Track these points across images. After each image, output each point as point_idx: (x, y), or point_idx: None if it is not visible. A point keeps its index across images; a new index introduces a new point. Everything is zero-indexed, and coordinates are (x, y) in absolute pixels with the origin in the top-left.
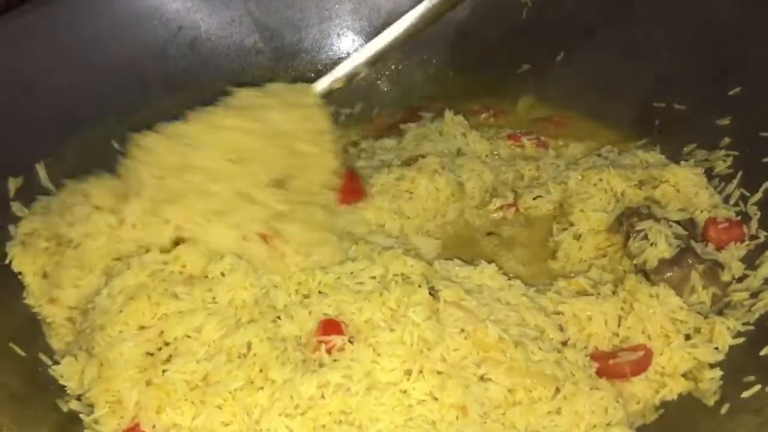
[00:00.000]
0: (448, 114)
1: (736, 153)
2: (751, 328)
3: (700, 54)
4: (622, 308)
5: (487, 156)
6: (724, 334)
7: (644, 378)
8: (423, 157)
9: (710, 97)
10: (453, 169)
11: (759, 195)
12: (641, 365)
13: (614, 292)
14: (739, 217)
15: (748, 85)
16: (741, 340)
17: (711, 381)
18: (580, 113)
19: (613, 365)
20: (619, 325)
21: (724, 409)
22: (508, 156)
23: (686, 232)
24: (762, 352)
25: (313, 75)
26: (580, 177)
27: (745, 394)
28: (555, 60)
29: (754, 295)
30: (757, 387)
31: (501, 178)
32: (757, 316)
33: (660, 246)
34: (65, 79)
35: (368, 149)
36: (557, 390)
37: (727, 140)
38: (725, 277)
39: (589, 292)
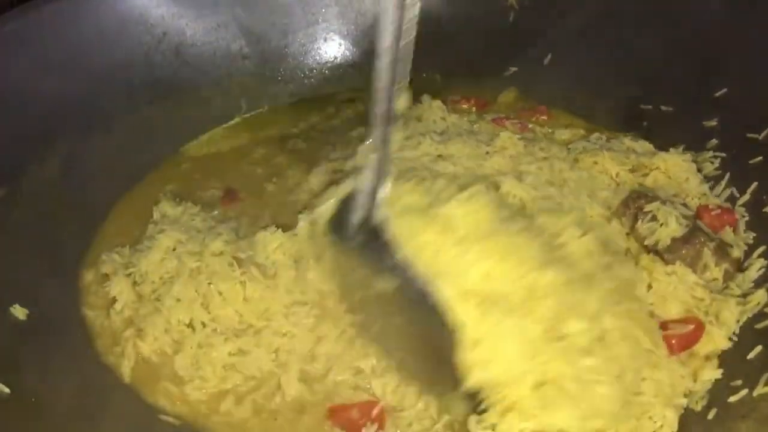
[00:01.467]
0: (426, 98)
1: (724, 154)
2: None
3: (686, 56)
4: None
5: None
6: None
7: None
8: None
9: (697, 99)
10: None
11: (747, 197)
12: (690, 340)
13: None
14: None
15: (735, 87)
16: (728, 344)
17: (702, 383)
18: (567, 113)
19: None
20: None
21: (711, 414)
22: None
23: (692, 212)
24: (749, 356)
25: (302, 76)
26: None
27: (732, 399)
28: (542, 62)
29: (742, 297)
30: (744, 391)
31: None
32: (744, 319)
33: (671, 225)
34: (50, 85)
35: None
36: None
37: (714, 142)
38: (735, 253)
39: None
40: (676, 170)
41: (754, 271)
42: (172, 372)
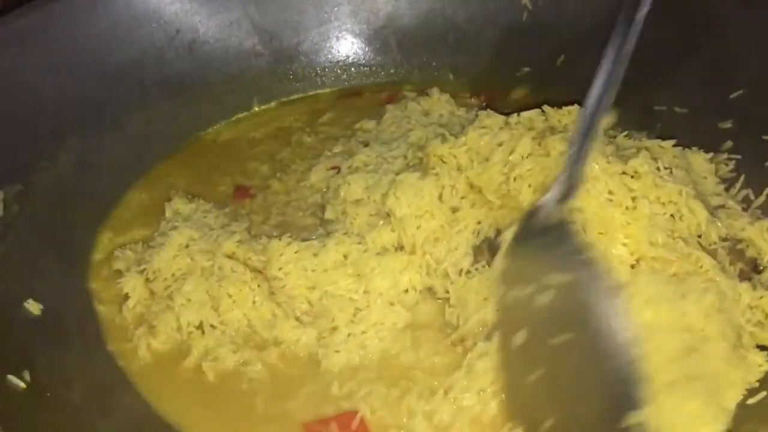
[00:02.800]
0: (435, 92)
1: (739, 156)
2: None
3: (702, 57)
4: None
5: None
6: None
7: None
8: None
9: (712, 101)
10: None
11: (762, 198)
12: None
13: None
14: None
15: (750, 89)
16: None
17: None
18: None
19: None
20: None
21: None
22: None
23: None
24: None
25: (313, 74)
26: None
27: (751, 401)
28: (555, 63)
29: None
30: (763, 394)
31: None
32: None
33: None
34: (63, 82)
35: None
36: None
37: (729, 144)
38: (750, 253)
39: None
40: (696, 169)
41: None
42: (178, 374)
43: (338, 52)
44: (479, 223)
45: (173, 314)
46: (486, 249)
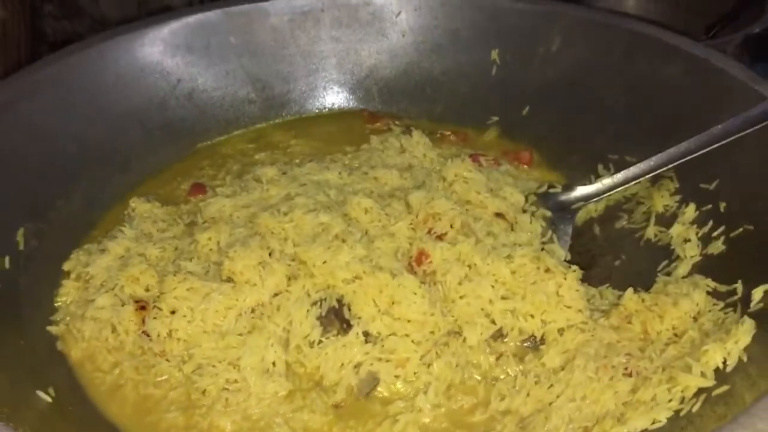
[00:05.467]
0: (417, 133)
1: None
2: None
3: (648, 112)
4: None
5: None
6: None
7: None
8: None
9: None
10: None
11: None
12: None
13: None
14: None
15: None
16: None
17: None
18: (541, 160)
19: None
20: None
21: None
22: None
23: None
24: None
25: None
26: None
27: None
28: (521, 113)
29: None
30: (684, 409)
31: None
32: None
33: None
34: (76, 127)
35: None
36: None
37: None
38: None
39: None
40: None
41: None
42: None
43: (325, 99)
44: (318, 292)
45: (86, 324)
46: (334, 318)
